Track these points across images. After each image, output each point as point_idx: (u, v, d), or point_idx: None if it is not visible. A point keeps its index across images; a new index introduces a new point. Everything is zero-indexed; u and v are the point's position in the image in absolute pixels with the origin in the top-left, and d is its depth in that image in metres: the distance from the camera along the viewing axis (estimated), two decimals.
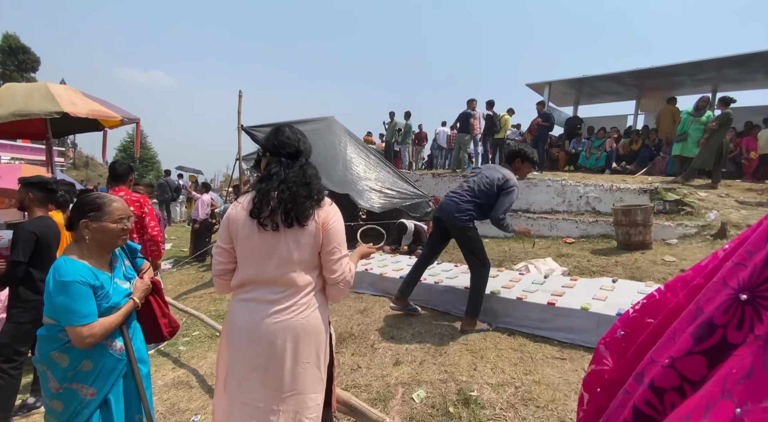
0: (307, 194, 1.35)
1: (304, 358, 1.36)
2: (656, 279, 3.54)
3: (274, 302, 1.34)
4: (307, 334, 1.36)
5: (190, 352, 3.27)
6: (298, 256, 1.34)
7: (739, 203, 5.47)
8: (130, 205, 3.16)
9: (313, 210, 1.35)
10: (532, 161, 3.13)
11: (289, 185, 1.34)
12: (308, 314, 1.37)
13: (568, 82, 11.56)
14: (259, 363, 1.33)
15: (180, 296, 5.01)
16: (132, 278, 1.61)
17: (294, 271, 1.35)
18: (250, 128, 5.07)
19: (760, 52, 8.57)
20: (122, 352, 1.49)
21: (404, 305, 3.36)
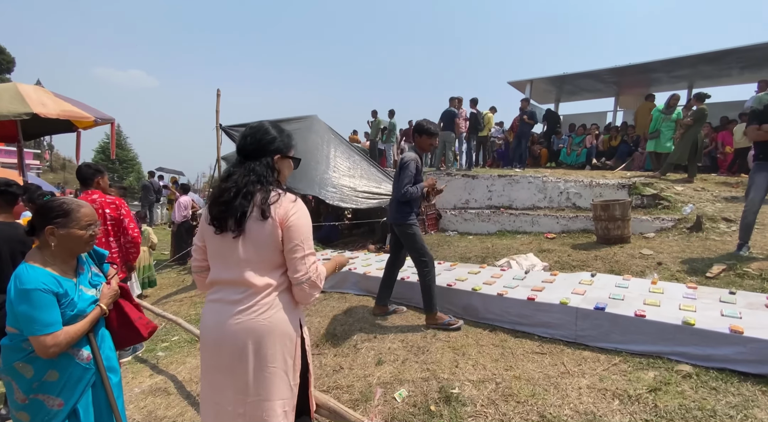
0: (248, 191, 1.31)
1: (270, 362, 1.31)
2: (634, 272, 3.61)
3: (236, 303, 1.31)
4: (272, 336, 1.31)
5: (168, 358, 3.20)
6: (255, 255, 1.31)
7: (714, 197, 5.63)
8: (106, 207, 3.07)
9: (257, 207, 1.30)
10: (429, 133, 3.15)
11: (232, 185, 1.32)
12: (271, 315, 1.31)
13: (549, 79, 11.72)
14: (223, 364, 1.31)
15: (160, 300, 4.91)
16: (98, 285, 1.56)
17: (253, 270, 1.31)
18: (229, 127, 4.98)
19: (734, 48, 8.82)
20: (90, 361, 1.45)
21: (385, 311, 3.39)
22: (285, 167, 1.48)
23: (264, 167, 1.36)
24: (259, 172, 1.35)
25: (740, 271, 3.29)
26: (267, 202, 1.30)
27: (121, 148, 37.04)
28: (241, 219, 1.29)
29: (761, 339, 2.02)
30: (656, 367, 2.19)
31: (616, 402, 1.94)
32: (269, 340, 1.31)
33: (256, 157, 1.38)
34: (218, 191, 1.36)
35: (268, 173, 1.37)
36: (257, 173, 1.34)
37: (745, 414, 1.75)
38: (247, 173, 1.34)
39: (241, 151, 1.41)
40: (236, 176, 1.34)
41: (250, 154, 1.39)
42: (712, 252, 3.87)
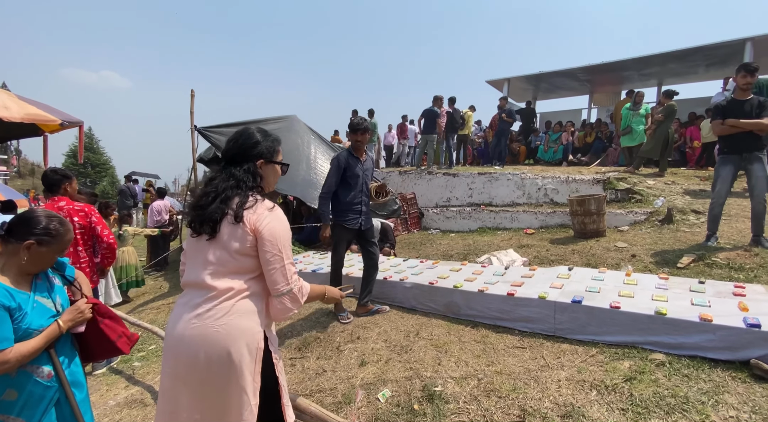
0: (226, 196, 1.30)
1: (221, 375, 1.21)
2: (609, 265, 3.71)
3: (195, 307, 1.25)
4: (224, 345, 1.20)
5: (145, 368, 3.10)
6: (222, 259, 1.28)
7: (684, 190, 5.84)
8: (74, 215, 2.93)
9: (231, 212, 1.28)
10: (352, 127, 3.37)
11: (212, 190, 1.31)
12: (226, 322, 1.22)
13: (525, 78, 11.94)
14: (179, 371, 1.24)
15: (136, 308, 4.76)
16: (58, 293, 1.48)
17: (216, 274, 1.27)
18: (204, 128, 4.87)
19: (700, 46, 9.16)
20: (51, 378, 1.37)
21: (368, 311, 3.39)
22: (270, 173, 1.43)
23: (244, 172, 1.34)
24: (238, 177, 1.33)
25: (709, 261, 3.42)
26: (242, 207, 1.27)
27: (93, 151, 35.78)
28: (215, 223, 1.27)
29: (729, 327, 2.10)
30: (631, 357, 2.25)
31: (593, 393, 1.98)
32: (221, 349, 1.20)
33: (238, 162, 1.36)
34: (198, 194, 1.35)
35: (248, 178, 1.34)
36: (237, 178, 1.32)
37: (716, 399, 1.81)
38: (227, 178, 1.33)
39: (224, 155, 1.40)
40: (217, 181, 1.34)
41: (232, 159, 1.37)
42: (682, 243, 4.02)
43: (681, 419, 1.72)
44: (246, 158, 1.37)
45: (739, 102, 3.60)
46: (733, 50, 8.99)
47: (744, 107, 3.56)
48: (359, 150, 3.35)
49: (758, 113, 3.50)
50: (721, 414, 1.73)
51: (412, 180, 8.19)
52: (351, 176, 3.24)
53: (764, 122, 3.46)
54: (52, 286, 1.48)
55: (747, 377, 1.96)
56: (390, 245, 5.61)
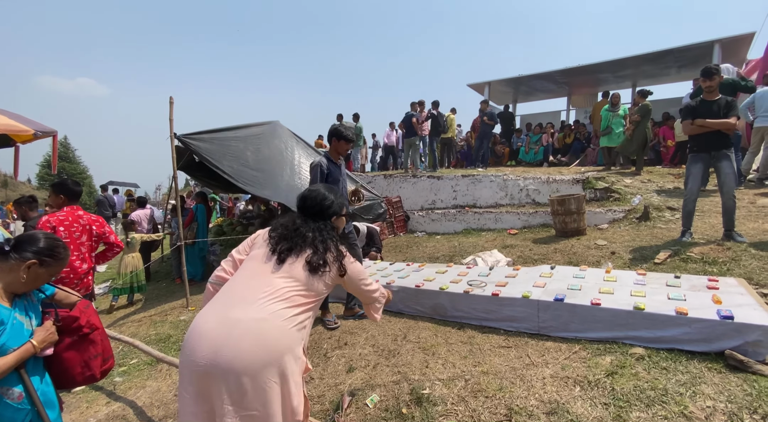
0: (325, 247, 1.59)
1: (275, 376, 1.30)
2: (590, 263, 3.80)
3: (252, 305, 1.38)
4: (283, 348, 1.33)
5: (127, 383, 3.02)
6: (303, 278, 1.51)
7: (659, 188, 6.03)
8: (92, 224, 3.06)
9: (335, 261, 1.59)
10: (347, 139, 3.34)
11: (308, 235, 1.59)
12: (287, 327, 1.37)
13: (506, 81, 12.16)
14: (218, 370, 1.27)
15: (116, 321, 4.63)
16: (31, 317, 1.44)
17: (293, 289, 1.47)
18: (185, 136, 4.78)
19: (671, 48, 9.50)
20: (22, 400, 1.32)
21: (354, 314, 3.40)
22: (340, 224, 1.82)
23: (330, 228, 1.67)
24: (328, 232, 1.65)
25: (684, 256, 3.54)
26: (342, 259, 1.60)
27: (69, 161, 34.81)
28: (318, 267, 1.51)
29: (704, 319, 2.18)
30: (612, 352, 2.30)
31: (577, 389, 2.02)
32: (276, 351, 1.27)
33: (317, 218, 1.67)
34: (290, 233, 1.57)
35: (333, 233, 1.67)
36: (328, 233, 1.63)
37: (693, 390, 1.87)
38: (318, 230, 1.62)
39: (303, 210, 1.72)
40: (306, 230, 1.59)
41: (312, 215, 1.69)
42: (659, 240, 4.14)
43: (660, 411, 1.77)
44: (324, 216, 1.70)
45: (708, 103, 3.75)
46: (702, 52, 9.36)
47: (712, 107, 3.71)
48: (337, 156, 3.38)
49: (725, 113, 3.65)
50: (699, 404, 1.78)
51: (398, 184, 8.23)
52: (333, 182, 3.25)
53: (731, 122, 3.61)
54: (30, 305, 1.45)
55: (722, 367, 2.02)
56: (376, 249, 5.61)
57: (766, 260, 3.18)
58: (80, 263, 2.94)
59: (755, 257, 3.27)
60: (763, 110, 5.47)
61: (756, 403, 1.73)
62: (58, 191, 3.03)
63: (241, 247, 1.68)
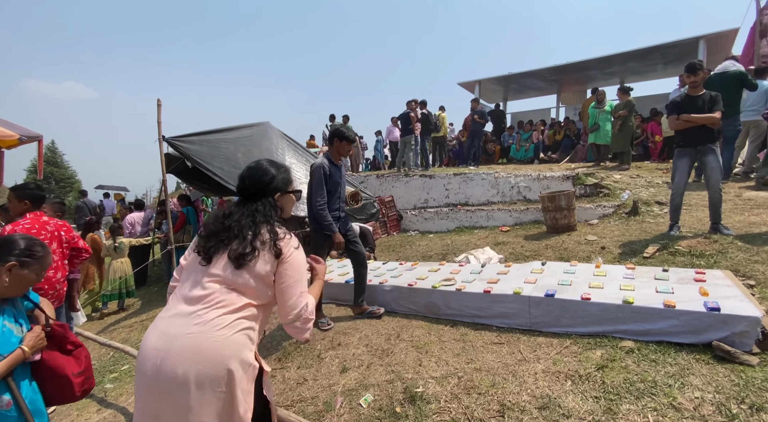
0: (256, 231, 1.36)
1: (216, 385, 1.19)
2: (581, 258, 3.83)
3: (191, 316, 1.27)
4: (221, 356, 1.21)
5: (118, 389, 2.98)
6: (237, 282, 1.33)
7: (648, 183, 6.11)
8: (60, 229, 2.89)
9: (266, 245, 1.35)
10: (349, 139, 3.27)
11: (235, 225, 1.37)
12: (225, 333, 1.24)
13: (496, 79, 12.23)
14: (163, 385, 1.20)
15: (107, 327, 4.58)
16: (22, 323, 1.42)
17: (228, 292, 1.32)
18: (173, 138, 4.74)
19: (657, 45, 9.63)
20: (11, 407, 1.31)
21: (363, 311, 3.40)
22: (287, 203, 1.54)
23: (268, 206, 1.43)
24: (263, 211, 1.41)
25: (672, 249, 3.59)
26: (277, 240, 1.35)
27: (56, 166, 34.24)
28: (245, 255, 1.31)
29: (691, 311, 2.21)
30: (603, 346, 2.33)
31: (568, 383, 2.04)
32: (217, 361, 1.19)
33: (257, 197, 1.44)
34: (217, 227, 1.38)
35: (271, 211, 1.42)
36: (262, 213, 1.40)
37: (682, 382, 1.90)
38: (250, 213, 1.39)
39: (242, 192, 1.48)
40: (237, 216, 1.39)
41: (252, 195, 1.45)
42: (647, 234, 4.19)
43: (650, 403, 1.79)
44: (264, 193, 1.45)
45: (693, 98, 3.80)
46: (687, 48, 9.50)
47: (697, 102, 3.76)
48: (337, 157, 3.32)
49: (710, 108, 3.71)
50: (687, 395, 1.81)
51: (390, 183, 8.23)
52: (333, 184, 3.21)
53: (715, 116, 3.66)
54: (18, 311, 1.42)
55: (710, 358, 2.06)
56: (369, 249, 5.61)
57: (752, 252, 3.23)
58: (53, 272, 2.75)
59: (741, 249, 3.33)
60: (748, 105, 5.56)
61: (743, 393, 1.76)
62: (22, 196, 2.77)
63: (186, 252, 1.51)
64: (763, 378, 1.83)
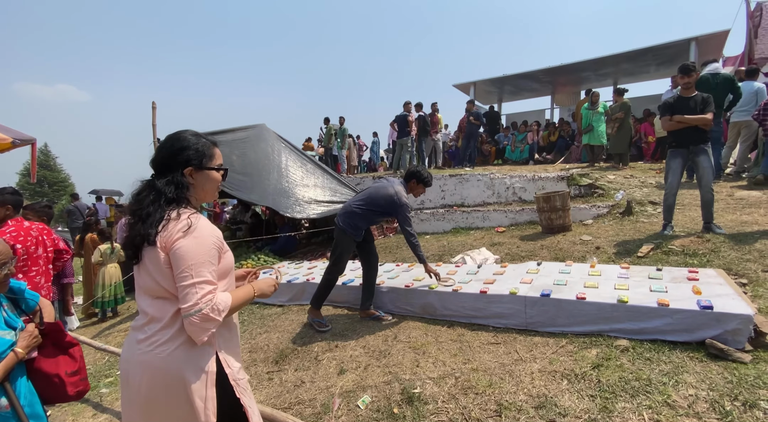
0: (147, 213, 1.17)
1: (163, 405, 1.15)
2: (576, 258, 3.86)
3: (138, 331, 1.19)
4: (168, 374, 1.13)
5: (113, 394, 2.96)
6: (150, 283, 1.18)
7: (641, 183, 6.16)
8: (41, 234, 2.87)
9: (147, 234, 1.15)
10: (426, 183, 3.40)
11: (137, 207, 1.19)
12: (167, 349, 1.14)
13: (491, 81, 12.29)
14: (130, 398, 1.20)
15: (102, 331, 4.54)
16: (16, 327, 1.41)
17: (150, 299, 1.20)
18: None
19: (650, 47, 9.73)
20: (9, 410, 1.30)
21: (370, 315, 3.39)
22: (203, 181, 1.26)
23: (166, 184, 1.18)
24: (159, 189, 1.17)
25: (666, 249, 3.62)
26: (154, 226, 1.14)
27: (50, 169, 33.94)
28: (135, 246, 1.16)
29: (685, 310, 2.23)
30: (598, 345, 2.35)
31: (564, 382, 2.05)
32: (165, 376, 1.12)
33: (165, 172, 1.21)
34: (128, 214, 1.22)
35: (170, 189, 1.17)
36: (158, 191, 1.17)
37: (676, 379, 1.92)
38: (148, 192, 1.18)
39: (151, 165, 1.24)
40: (141, 196, 1.19)
41: (158, 168, 1.22)
42: (641, 233, 4.23)
43: (645, 401, 1.81)
44: (171, 167, 1.20)
45: (685, 99, 3.84)
46: (679, 50, 9.60)
47: (689, 103, 3.81)
48: (416, 195, 3.50)
49: (702, 109, 3.75)
50: (682, 393, 1.83)
51: None
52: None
53: (707, 117, 3.71)
54: (8, 315, 1.41)
55: (703, 356, 2.08)
56: None
57: (744, 251, 3.27)
58: (40, 278, 2.73)
59: (733, 248, 3.37)
60: (739, 105, 5.63)
61: (736, 390, 1.78)
62: (3, 201, 2.73)
63: None
64: (756, 375, 1.86)
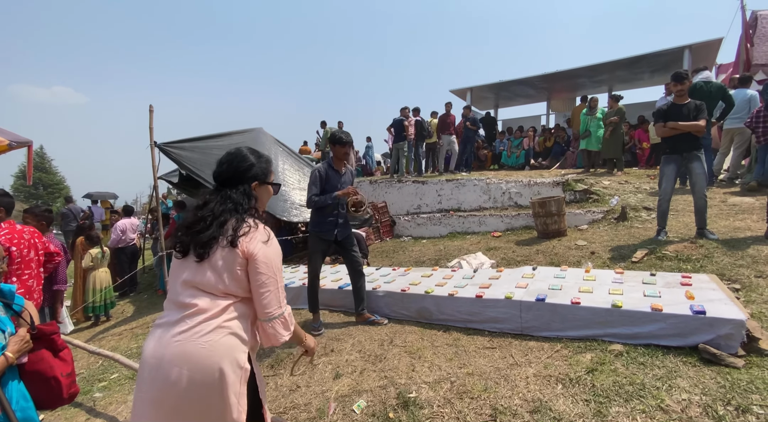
0: (224, 219, 1.31)
1: (206, 395, 1.18)
2: (571, 263, 3.88)
3: (177, 324, 1.24)
4: (211, 364, 1.18)
5: (107, 398, 2.94)
6: (213, 282, 1.27)
7: (636, 188, 6.21)
8: (33, 237, 2.85)
9: (227, 236, 1.29)
10: (340, 141, 3.29)
11: (208, 214, 1.31)
12: (212, 338, 1.21)
13: (487, 87, 12.38)
14: (157, 394, 1.20)
15: (96, 335, 4.51)
16: (5, 329, 1.40)
17: (206, 295, 1.27)
18: (165, 144, 4.72)
19: (644, 54, 9.85)
20: (0, 415, 1.29)
21: (365, 319, 3.38)
22: (263, 194, 1.47)
23: (241, 194, 1.36)
24: (235, 199, 1.34)
25: (660, 254, 3.65)
26: (237, 232, 1.27)
27: (45, 171, 33.77)
28: (206, 245, 1.26)
29: (678, 315, 2.25)
30: (592, 349, 2.36)
31: (559, 387, 2.06)
32: (205, 367, 1.16)
33: (233, 184, 1.37)
34: (192, 218, 1.33)
35: (245, 200, 1.35)
36: (234, 201, 1.33)
37: (669, 384, 1.93)
38: (223, 201, 1.34)
39: (218, 178, 1.41)
40: (212, 205, 1.33)
41: (227, 181, 1.39)
42: (636, 239, 4.27)
43: (639, 405, 1.82)
44: (241, 181, 1.38)
45: (678, 106, 3.90)
46: (673, 57, 9.73)
47: (682, 110, 3.86)
48: (339, 162, 3.36)
49: (695, 116, 3.81)
50: (675, 397, 1.84)
51: (383, 189, 8.26)
52: (330, 189, 3.25)
53: (700, 124, 3.76)
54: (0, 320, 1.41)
55: (696, 361, 2.10)
56: (363, 255, 5.61)
57: (737, 257, 3.31)
58: (32, 281, 2.72)
59: (726, 253, 3.40)
60: (732, 112, 5.71)
61: (729, 395, 1.80)
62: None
63: None
64: (749, 379, 1.88)
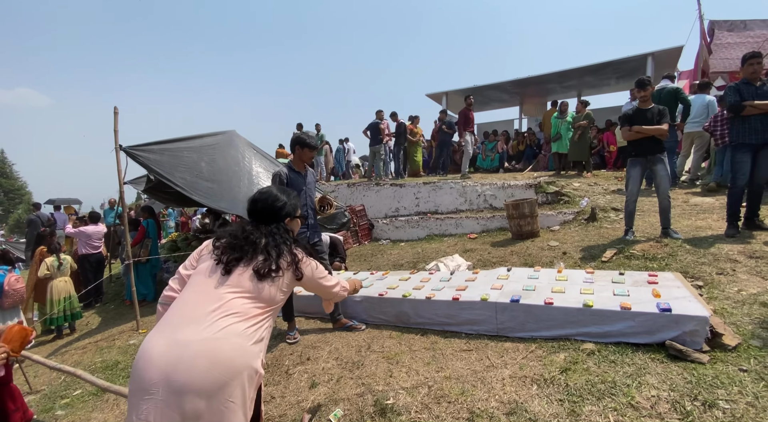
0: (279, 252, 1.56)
1: (229, 395, 1.23)
2: (544, 263, 3.96)
3: (204, 324, 1.33)
4: (235, 365, 1.27)
5: (70, 416, 2.76)
6: (252, 288, 1.46)
7: (604, 190, 6.43)
8: None
9: (289, 266, 1.56)
10: (310, 146, 3.25)
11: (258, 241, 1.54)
12: (239, 341, 1.32)
13: (462, 91, 12.58)
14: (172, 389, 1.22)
15: (58, 349, 4.25)
16: None
17: (242, 302, 1.43)
18: (131, 147, 4.52)
19: (610, 61, 10.27)
20: None
21: (343, 325, 3.34)
22: (294, 226, 1.79)
23: (283, 231, 1.63)
24: (281, 235, 1.61)
25: (628, 253, 3.78)
26: (298, 263, 1.58)
27: (6, 176, 31.92)
28: (266, 272, 1.46)
29: (645, 313, 2.32)
30: (566, 349, 2.40)
31: (534, 387, 2.08)
32: (231, 367, 1.23)
33: (269, 221, 1.64)
34: (239, 242, 1.51)
35: (287, 236, 1.63)
36: (281, 236, 1.60)
37: (639, 381, 1.98)
38: (270, 234, 1.58)
39: (253, 214, 1.66)
40: (257, 235, 1.55)
41: (264, 218, 1.65)
42: (605, 239, 4.40)
43: (610, 403, 1.86)
44: (276, 218, 1.65)
45: (643, 111, 4.06)
46: (637, 64, 10.18)
47: (647, 115, 4.02)
48: (301, 164, 3.30)
49: (658, 120, 3.98)
50: (645, 394, 1.89)
51: (361, 192, 8.23)
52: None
53: (663, 128, 3.93)
54: None
55: (664, 357, 2.16)
56: (340, 259, 5.55)
57: (699, 255, 3.46)
58: None
59: (689, 252, 3.55)
60: (692, 116, 6.01)
61: (696, 390, 1.86)
62: None
63: (187, 262, 1.60)
64: (714, 375, 1.95)
